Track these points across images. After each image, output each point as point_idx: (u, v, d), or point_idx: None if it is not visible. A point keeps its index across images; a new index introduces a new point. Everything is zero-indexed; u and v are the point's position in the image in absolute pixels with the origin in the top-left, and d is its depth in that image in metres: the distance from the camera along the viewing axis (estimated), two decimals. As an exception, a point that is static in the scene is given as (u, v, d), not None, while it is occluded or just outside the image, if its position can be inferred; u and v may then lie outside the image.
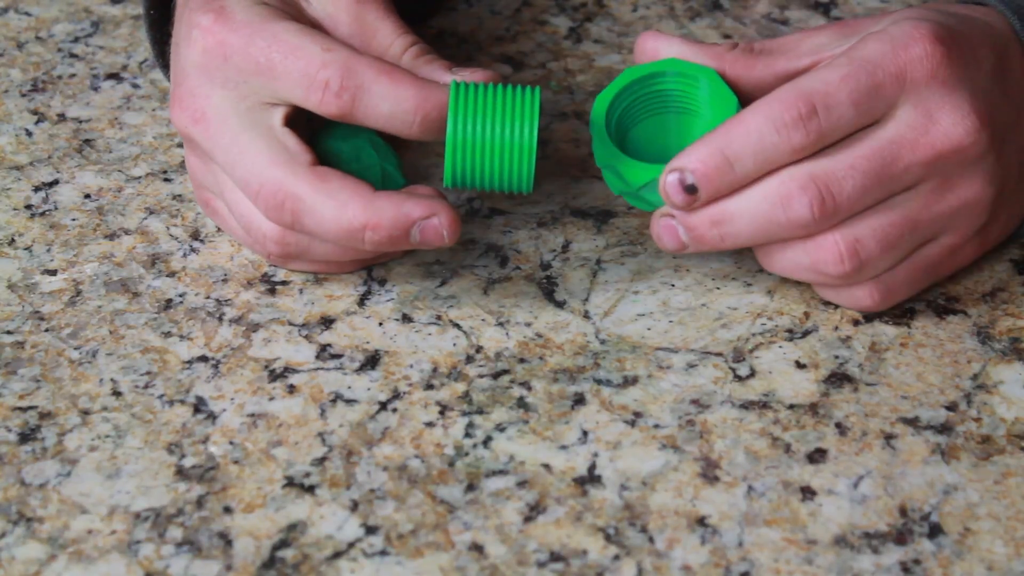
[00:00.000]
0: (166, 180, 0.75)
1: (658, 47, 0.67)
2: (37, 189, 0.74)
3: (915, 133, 0.63)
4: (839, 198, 0.63)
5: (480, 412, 0.64)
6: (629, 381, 0.65)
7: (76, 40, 0.83)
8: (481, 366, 0.66)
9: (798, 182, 0.63)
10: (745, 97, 0.67)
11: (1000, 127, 0.65)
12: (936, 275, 0.68)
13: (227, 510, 0.61)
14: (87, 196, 0.74)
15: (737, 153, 0.63)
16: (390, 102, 0.64)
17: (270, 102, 0.66)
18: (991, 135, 0.64)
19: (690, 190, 0.63)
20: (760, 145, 0.63)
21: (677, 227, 0.65)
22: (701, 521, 0.60)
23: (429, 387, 0.65)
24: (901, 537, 0.60)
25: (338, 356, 0.66)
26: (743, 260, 0.70)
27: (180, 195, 0.74)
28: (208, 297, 0.69)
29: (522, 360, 0.66)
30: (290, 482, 0.62)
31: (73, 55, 0.82)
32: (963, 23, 0.66)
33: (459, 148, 0.64)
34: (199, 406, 0.64)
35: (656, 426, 0.64)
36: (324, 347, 0.67)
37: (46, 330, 0.68)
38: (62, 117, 0.78)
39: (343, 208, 0.64)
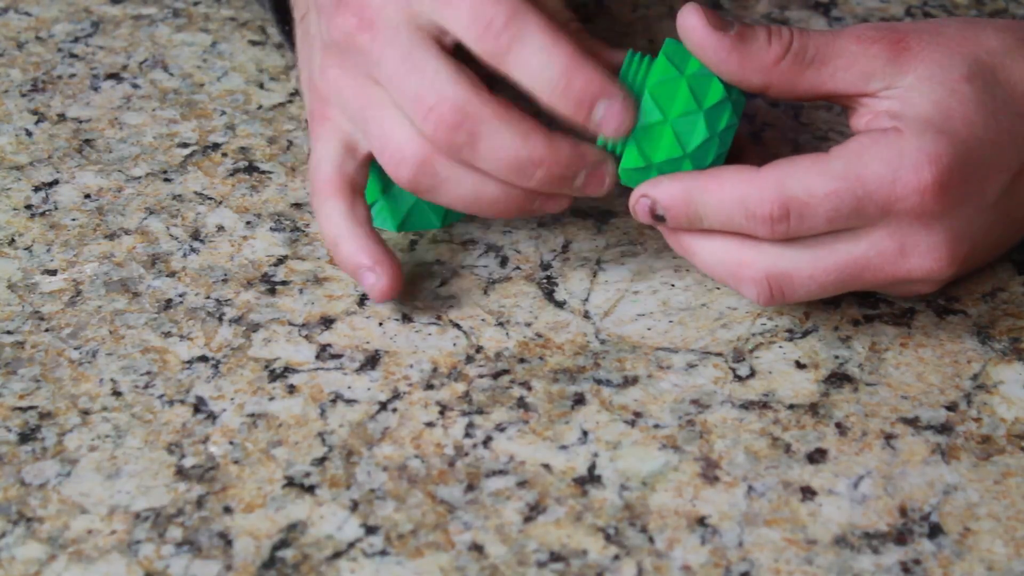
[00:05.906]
0: (166, 180, 0.75)
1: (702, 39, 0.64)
2: (37, 189, 0.74)
3: (882, 260, 0.63)
4: (788, 294, 0.64)
5: (480, 412, 0.64)
6: (629, 381, 0.65)
7: (76, 40, 0.83)
8: (481, 366, 0.66)
9: (753, 271, 0.64)
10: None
11: (981, 246, 0.65)
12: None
13: (227, 510, 0.61)
14: (87, 196, 0.74)
15: (704, 212, 0.64)
16: (543, 58, 0.63)
17: (436, 34, 0.64)
18: (961, 266, 0.64)
19: (658, 218, 0.65)
20: (727, 218, 0.64)
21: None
22: (701, 521, 0.60)
23: (429, 387, 0.65)
24: (901, 537, 0.60)
25: (338, 356, 0.66)
26: (743, 260, 0.70)
27: (180, 195, 0.74)
28: (208, 297, 0.69)
29: (522, 360, 0.66)
30: (290, 482, 0.62)
31: (73, 55, 0.82)
32: (995, 129, 0.63)
33: None
34: (199, 406, 0.64)
35: (656, 426, 0.64)
36: (324, 347, 0.67)
37: (46, 330, 0.68)
38: (62, 117, 0.78)
39: (525, 139, 0.63)
